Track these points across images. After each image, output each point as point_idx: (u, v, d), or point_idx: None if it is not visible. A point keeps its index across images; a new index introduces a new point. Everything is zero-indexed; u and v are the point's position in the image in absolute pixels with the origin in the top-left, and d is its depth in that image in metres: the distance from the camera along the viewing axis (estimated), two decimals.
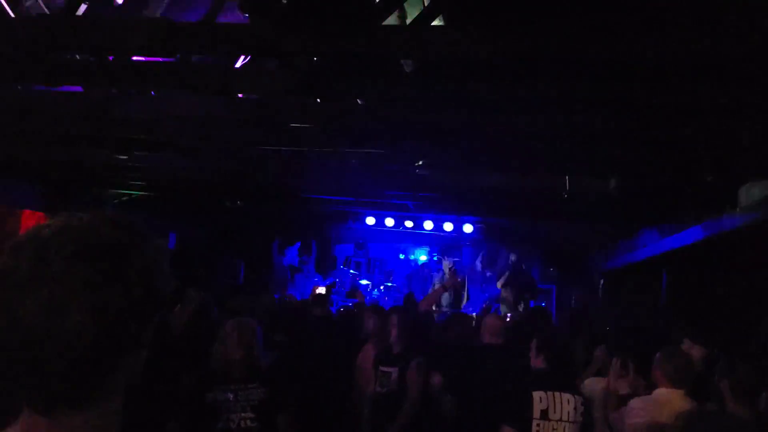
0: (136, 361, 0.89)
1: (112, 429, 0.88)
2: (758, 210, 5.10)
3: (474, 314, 9.63)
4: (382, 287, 12.47)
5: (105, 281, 0.81)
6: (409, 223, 12.49)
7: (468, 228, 12.29)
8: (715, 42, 3.09)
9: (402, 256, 13.53)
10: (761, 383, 2.80)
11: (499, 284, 10.98)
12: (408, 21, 4.54)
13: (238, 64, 4.90)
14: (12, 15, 4.08)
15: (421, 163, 5.99)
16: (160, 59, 4.51)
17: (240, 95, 4.93)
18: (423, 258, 13.36)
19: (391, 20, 4.07)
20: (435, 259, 13.00)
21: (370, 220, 12.61)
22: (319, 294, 8.29)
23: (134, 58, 4.44)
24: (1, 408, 0.85)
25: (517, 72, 4.09)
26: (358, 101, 4.77)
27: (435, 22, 3.82)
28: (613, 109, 4.64)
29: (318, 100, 5.01)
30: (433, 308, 7.82)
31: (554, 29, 3.34)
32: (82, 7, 4.18)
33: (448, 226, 12.30)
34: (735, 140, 4.57)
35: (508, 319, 8.49)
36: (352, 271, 12.93)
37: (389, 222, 12.57)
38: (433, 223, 12.29)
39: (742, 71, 3.51)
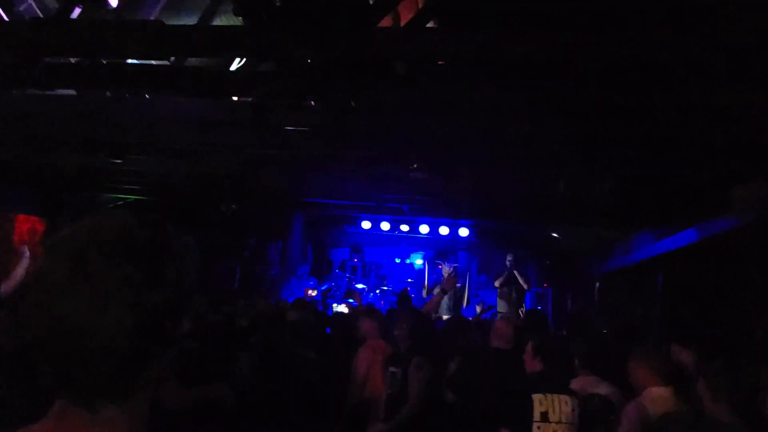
0: (168, 356, 0.91)
1: (143, 420, 0.91)
2: (751, 211, 5.12)
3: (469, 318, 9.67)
4: (378, 291, 12.45)
5: (144, 279, 0.84)
6: (404, 227, 12.49)
7: (464, 231, 12.29)
8: (712, 43, 3.11)
9: (398, 260, 13.51)
10: (740, 384, 2.74)
11: (496, 284, 10.98)
12: (401, 23, 4.55)
13: (233, 67, 4.90)
14: (5, 18, 4.07)
15: (415, 166, 5.98)
16: (155, 62, 4.51)
17: (235, 98, 4.93)
18: (419, 262, 13.34)
19: (385, 23, 4.07)
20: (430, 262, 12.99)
21: (366, 224, 12.60)
22: (298, 299, 8.21)
23: (128, 61, 4.43)
24: (32, 401, 0.87)
25: (511, 76, 4.10)
26: (352, 104, 4.77)
27: (429, 25, 3.83)
28: (607, 112, 4.66)
29: (312, 103, 5.01)
30: (433, 315, 7.81)
31: (548, 33, 3.35)
32: (76, 11, 4.17)
33: (443, 230, 12.31)
34: (728, 141, 4.59)
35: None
36: (348, 276, 12.89)
37: (385, 226, 12.56)
38: (429, 226, 12.30)
39: (737, 72, 3.52)
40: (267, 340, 4.87)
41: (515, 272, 10.81)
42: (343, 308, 10.50)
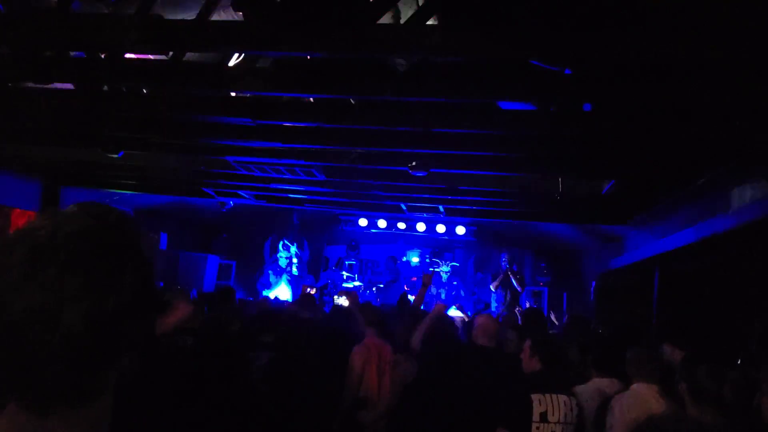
0: (125, 361, 0.88)
1: (103, 425, 0.88)
2: (751, 211, 5.11)
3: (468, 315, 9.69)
4: (374, 288, 12.44)
5: (102, 285, 0.80)
6: (401, 225, 12.47)
7: (460, 230, 12.28)
8: (710, 43, 3.11)
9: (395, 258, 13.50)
10: (721, 386, 2.72)
11: (492, 287, 11.00)
12: (402, 20, 4.53)
13: (231, 63, 4.88)
14: (3, 11, 4.04)
15: (414, 163, 5.98)
16: (153, 57, 4.49)
17: (233, 93, 4.91)
18: (415, 260, 13.33)
19: (385, 19, 4.05)
20: (427, 260, 12.97)
21: (363, 222, 12.58)
22: (307, 295, 8.21)
23: (127, 55, 4.41)
24: None
25: (510, 73, 4.09)
26: (351, 100, 4.76)
27: (429, 22, 3.81)
28: (607, 111, 4.66)
29: (311, 99, 4.99)
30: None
31: (550, 31, 3.34)
32: (75, 4, 4.14)
33: (440, 228, 12.29)
34: (728, 141, 4.59)
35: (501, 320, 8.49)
36: (344, 273, 12.86)
37: (382, 224, 12.54)
38: (426, 224, 12.28)
39: (736, 72, 3.52)
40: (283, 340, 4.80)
41: (509, 273, 10.83)
42: (343, 300, 10.49)
